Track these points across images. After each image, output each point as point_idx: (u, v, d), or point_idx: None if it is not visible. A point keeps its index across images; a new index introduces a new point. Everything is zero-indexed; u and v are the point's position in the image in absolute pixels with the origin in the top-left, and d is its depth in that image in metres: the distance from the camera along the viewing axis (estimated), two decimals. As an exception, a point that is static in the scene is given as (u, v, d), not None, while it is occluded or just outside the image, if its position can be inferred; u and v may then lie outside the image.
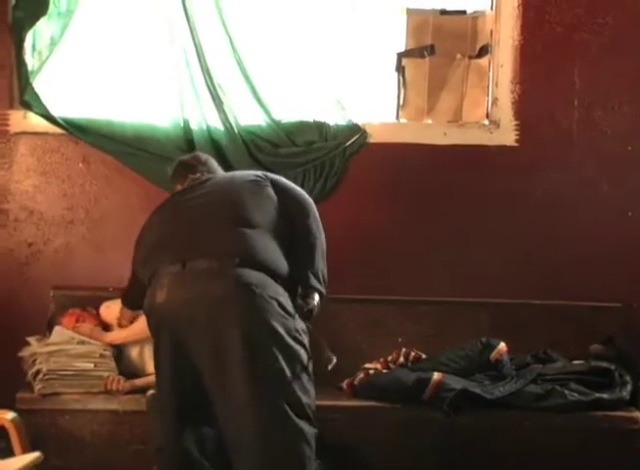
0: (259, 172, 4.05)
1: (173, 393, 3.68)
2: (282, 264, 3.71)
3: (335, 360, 3.91)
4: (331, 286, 4.47)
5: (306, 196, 4.04)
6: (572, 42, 4.97)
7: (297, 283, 3.78)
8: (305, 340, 3.65)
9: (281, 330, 3.53)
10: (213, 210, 3.83)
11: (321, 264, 3.85)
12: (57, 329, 4.58)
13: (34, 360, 4.41)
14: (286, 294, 3.66)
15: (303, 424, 3.57)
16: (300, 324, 3.65)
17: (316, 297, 3.82)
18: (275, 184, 3.95)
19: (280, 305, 3.57)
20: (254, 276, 3.57)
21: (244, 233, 3.70)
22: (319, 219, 3.97)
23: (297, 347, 3.59)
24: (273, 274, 3.64)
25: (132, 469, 4.30)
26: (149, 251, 3.86)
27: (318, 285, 3.82)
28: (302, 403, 3.58)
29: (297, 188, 4.09)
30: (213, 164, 4.28)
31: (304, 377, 3.62)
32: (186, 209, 3.90)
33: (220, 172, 4.23)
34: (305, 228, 3.88)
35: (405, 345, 4.75)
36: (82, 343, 4.50)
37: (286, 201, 3.90)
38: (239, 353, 3.48)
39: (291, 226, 3.85)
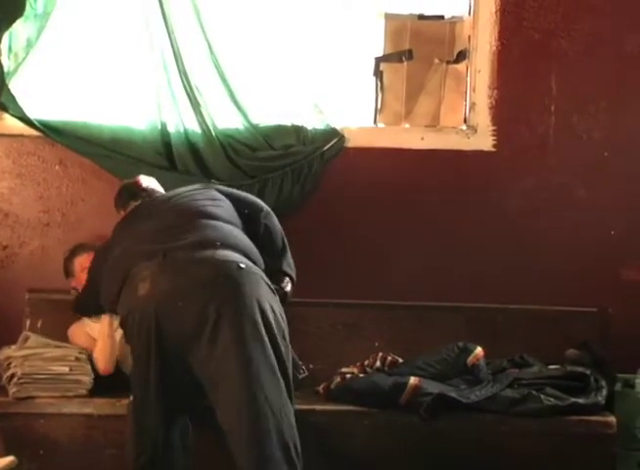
0: (203, 184, 4.30)
1: (160, 393, 3.67)
2: (255, 250, 3.84)
3: (306, 373, 3.91)
4: (308, 290, 4.52)
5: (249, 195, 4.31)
6: (549, 48, 5.00)
7: (268, 270, 3.88)
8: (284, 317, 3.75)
9: (274, 305, 3.63)
10: (177, 212, 3.96)
11: (288, 254, 4.06)
12: (32, 336, 4.56)
13: (9, 364, 4.36)
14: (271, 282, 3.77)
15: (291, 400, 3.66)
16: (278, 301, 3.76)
17: (289, 283, 3.99)
18: (218, 190, 4.18)
19: (264, 279, 3.66)
20: (237, 256, 3.65)
21: (215, 224, 3.82)
22: (274, 216, 4.18)
23: (282, 322, 3.66)
24: (249, 258, 3.73)
25: (107, 473, 4.27)
26: (116, 259, 3.89)
27: (289, 270, 4.02)
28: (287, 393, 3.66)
29: (236, 190, 4.32)
30: (154, 189, 4.39)
31: (288, 357, 3.71)
32: (149, 218, 4.01)
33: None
34: (264, 225, 4.10)
35: (382, 349, 4.73)
36: (58, 347, 4.47)
37: (236, 202, 4.11)
38: (233, 333, 3.49)
39: (248, 222, 4.02)
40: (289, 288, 3.96)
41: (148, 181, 4.45)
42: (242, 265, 3.58)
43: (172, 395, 3.66)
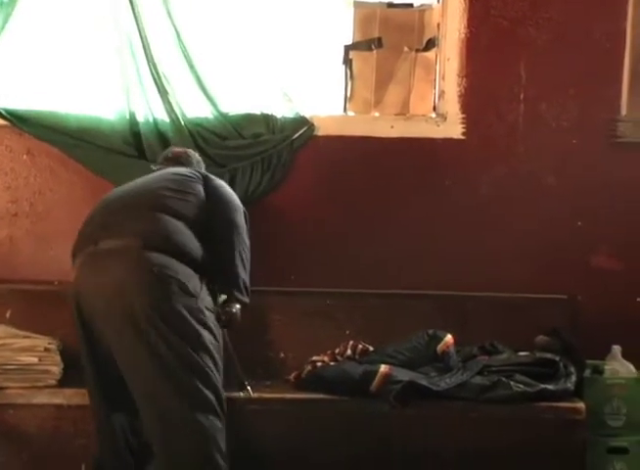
0: (196, 171, 4.19)
1: (96, 379, 3.80)
2: (194, 248, 3.78)
3: (250, 392, 4.01)
4: (279, 278, 4.52)
5: (236, 198, 4.15)
6: (518, 36, 4.99)
7: (217, 283, 3.88)
8: (210, 321, 3.69)
9: (180, 308, 3.58)
10: (133, 195, 3.98)
11: (242, 272, 3.93)
12: (0, 326, 4.53)
13: (-22, 355, 4.34)
14: (195, 276, 3.71)
15: (202, 417, 3.62)
16: (206, 304, 3.70)
17: (237, 305, 3.93)
18: (208, 181, 4.10)
19: (179, 283, 3.60)
20: (155, 256, 3.64)
21: (156, 217, 3.80)
22: (244, 225, 4.05)
23: (199, 327, 3.62)
24: (182, 256, 3.70)
25: (77, 463, 4.23)
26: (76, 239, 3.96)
27: (240, 295, 3.92)
28: (203, 395, 3.63)
29: (229, 190, 4.18)
30: (187, 160, 4.39)
31: (208, 361, 3.65)
32: (111, 198, 4.07)
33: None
34: (228, 222, 3.97)
35: (353, 337, 4.75)
36: (27, 337, 4.44)
37: (214, 197, 4.02)
38: (135, 334, 3.55)
39: (213, 222, 3.94)
40: (234, 311, 3.92)
41: (186, 154, 4.49)
42: (154, 269, 3.60)
43: (107, 382, 3.73)
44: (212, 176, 4.20)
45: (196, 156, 4.53)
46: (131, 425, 3.87)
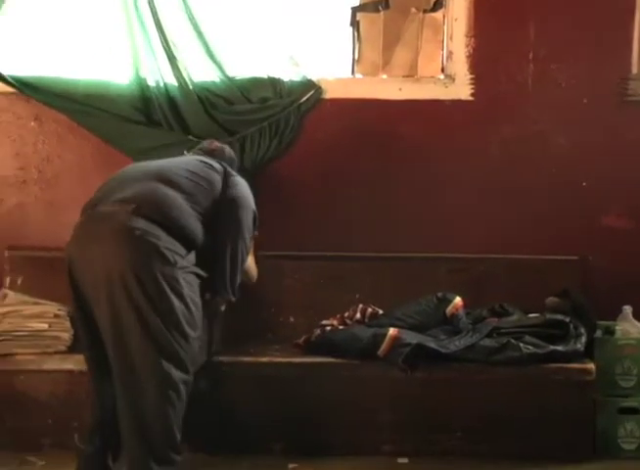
0: (222, 165, 4.14)
1: (88, 343, 3.79)
2: (189, 226, 3.74)
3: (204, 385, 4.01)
4: (288, 243, 4.51)
5: (249, 198, 4.08)
6: (527, -5, 4.95)
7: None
8: (185, 292, 3.64)
9: (156, 273, 3.54)
10: (147, 169, 3.97)
11: (233, 271, 3.89)
12: (11, 293, 4.57)
13: (-12, 322, 4.38)
14: (179, 247, 3.66)
15: (173, 370, 3.58)
16: (182, 275, 3.65)
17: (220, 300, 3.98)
18: (228, 176, 4.06)
19: (158, 250, 3.57)
20: (142, 223, 3.61)
21: (157, 187, 3.78)
22: (250, 225, 4.01)
23: (171, 294, 3.57)
24: (172, 228, 3.66)
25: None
26: None
27: (224, 294, 3.92)
28: (174, 349, 3.59)
29: (246, 189, 4.11)
30: (221, 155, 4.35)
31: (176, 335, 3.60)
32: (128, 169, 4.09)
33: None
34: (234, 218, 3.92)
35: (363, 301, 4.75)
36: (37, 303, 4.48)
37: (228, 192, 3.98)
38: (108, 294, 3.54)
39: (221, 216, 3.90)
40: (220, 308, 4.00)
41: (221, 149, 4.45)
42: (137, 232, 3.57)
43: (97, 347, 3.70)
44: (235, 173, 4.16)
45: (231, 153, 4.49)
46: None
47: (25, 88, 4.88)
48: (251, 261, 4.41)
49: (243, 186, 4.08)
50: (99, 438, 3.78)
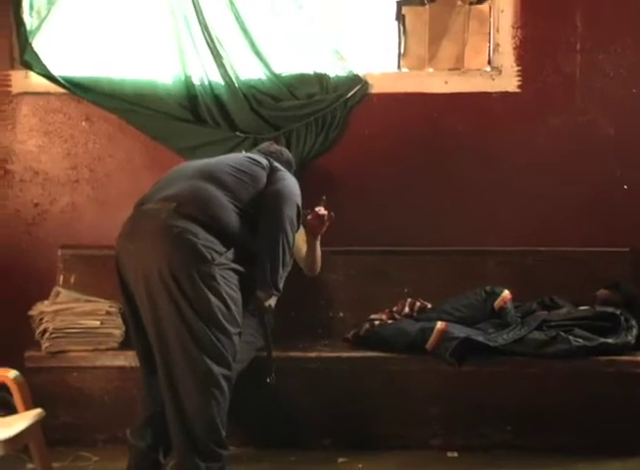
0: (270, 162, 4.11)
1: (137, 340, 3.82)
2: (229, 223, 3.75)
3: (273, 380, 3.94)
4: (335, 238, 4.52)
5: (295, 194, 4.01)
6: (574, -15, 4.91)
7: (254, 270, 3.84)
8: (222, 289, 3.63)
9: (191, 271, 3.56)
10: (195, 167, 3.98)
11: (274, 268, 3.83)
12: (63, 291, 4.65)
13: (41, 319, 4.45)
14: (217, 244, 3.66)
15: (214, 366, 3.59)
16: (220, 272, 3.64)
17: (273, 298, 3.96)
18: (273, 171, 4.04)
19: (195, 247, 3.58)
20: (181, 221, 3.63)
21: (200, 186, 3.79)
22: (294, 221, 3.93)
23: (207, 291, 3.58)
24: (212, 226, 3.67)
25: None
26: None
27: (269, 289, 3.84)
28: (214, 345, 3.59)
29: (292, 185, 4.06)
30: (278, 157, 4.31)
31: (216, 321, 3.61)
32: (180, 166, 4.12)
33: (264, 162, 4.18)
34: (277, 213, 3.87)
35: (411, 295, 4.75)
36: (89, 301, 4.55)
37: (272, 188, 3.95)
38: (147, 290, 3.59)
39: (264, 211, 3.88)
40: (269, 303, 3.96)
41: (281, 151, 4.45)
42: (175, 230, 3.59)
43: (146, 344, 3.73)
44: (283, 169, 4.12)
45: (289, 156, 4.47)
46: None
47: (76, 89, 4.95)
48: (318, 253, 4.50)
49: (289, 181, 4.05)
50: (150, 433, 3.81)
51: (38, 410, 3.41)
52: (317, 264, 4.57)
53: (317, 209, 4.30)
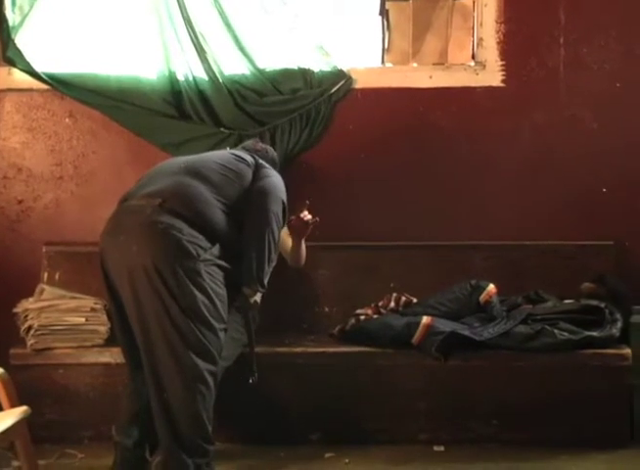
0: (255, 159, 4.10)
1: (122, 336, 3.83)
2: (214, 219, 3.74)
3: (255, 380, 3.92)
4: (321, 233, 4.52)
5: (279, 190, 4.00)
6: (556, -22, 4.91)
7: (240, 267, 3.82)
8: (208, 285, 3.63)
9: (176, 266, 3.56)
10: (180, 163, 3.98)
11: (260, 264, 3.81)
12: (47, 288, 4.64)
13: (26, 316, 4.44)
14: (202, 240, 3.66)
15: (200, 361, 3.58)
16: (205, 268, 3.64)
17: (258, 294, 3.95)
18: (258, 169, 4.02)
19: (180, 243, 3.58)
20: (166, 217, 3.64)
21: (185, 182, 3.79)
22: (279, 217, 3.92)
23: (192, 288, 3.57)
24: (195, 222, 3.67)
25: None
26: None
27: (248, 287, 3.83)
28: (199, 341, 3.58)
29: (276, 182, 4.04)
30: (264, 156, 4.31)
31: (202, 317, 3.60)
32: (165, 163, 4.11)
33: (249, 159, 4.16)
34: (262, 210, 3.86)
35: (397, 290, 4.76)
36: (74, 298, 4.53)
37: (257, 185, 3.94)
38: (132, 286, 3.59)
39: (249, 208, 3.87)
40: (255, 300, 3.96)
41: (267, 149, 4.45)
42: (160, 226, 3.60)
43: (131, 339, 3.73)
44: (267, 166, 4.11)
45: (274, 155, 4.46)
46: None
47: (59, 85, 4.92)
48: (303, 249, 4.50)
49: (274, 178, 4.05)
50: (136, 430, 3.80)
51: (24, 408, 3.39)
52: (302, 259, 4.57)
53: (302, 214, 4.29)
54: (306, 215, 4.30)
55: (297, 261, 4.57)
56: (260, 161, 4.13)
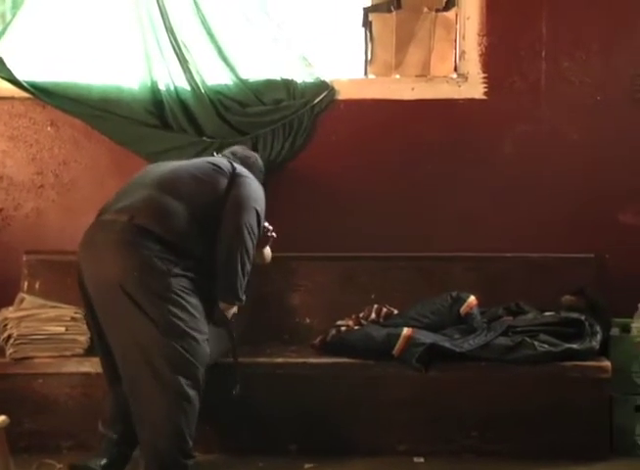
0: (232, 166, 4.06)
1: (99, 346, 3.87)
2: (184, 233, 3.73)
3: (238, 391, 3.96)
4: (302, 244, 4.52)
5: (252, 198, 3.97)
6: (538, -8, 4.94)
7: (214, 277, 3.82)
8: (182, 298, 3.62)
9: (147, 284, 3.58)
10: (155, 174, 3.97)
11: (235, 276, 3.81)
12: (27, 297, 4.61)
13: (5, 325, 4.41)
14: (171, 254, 3.65)
15: (180, 377, 3.58)
16: (176, 282, 3.63)
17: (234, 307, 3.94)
18: (234, 178, 3.98)
19: (150, 260, 3.59)
20: (134, 233, 3.63)
21: (155, 196, 3.78)
22: (252, 226, 3.88)
23: (165, 304, 3.58)
24: (164, 237, 3.66)
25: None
26: None
27: (229, 299, 3.85)
28: (180, 357, 3.59)
29: (250, 190, 4.00)
30: (253, 164, 4.33)
31: (178, 331, 3.60)
32: (141, 173, 4.11)
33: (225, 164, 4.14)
34: (233, 223, 3.84)
35: (378, 301, 4.75)
36: (54, 307, 4.51)
37: (231, 195, 3.91)
38: (104, 301, 3.64)
39: (222, 219, 3.85)
40: (230, 312, 3.94)
41: (256, 158, 4.46)
42: (128, 245, 3.60)
43: (107, 350, 3.75)
44: (244, 175, 4.05)
45: (261, 164, 4.45)
46: None
47: (41, 94, 4.92)
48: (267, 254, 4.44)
49: (249, 188, 3.99)
50: (120, 427, 3.83)
51: (2, 417, 3.35)
52: (267, 260, 4.48)
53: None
54: (267, 226, 4.25)
55: (262, 262, 4.49)
56: (240, 168, 4.09)
